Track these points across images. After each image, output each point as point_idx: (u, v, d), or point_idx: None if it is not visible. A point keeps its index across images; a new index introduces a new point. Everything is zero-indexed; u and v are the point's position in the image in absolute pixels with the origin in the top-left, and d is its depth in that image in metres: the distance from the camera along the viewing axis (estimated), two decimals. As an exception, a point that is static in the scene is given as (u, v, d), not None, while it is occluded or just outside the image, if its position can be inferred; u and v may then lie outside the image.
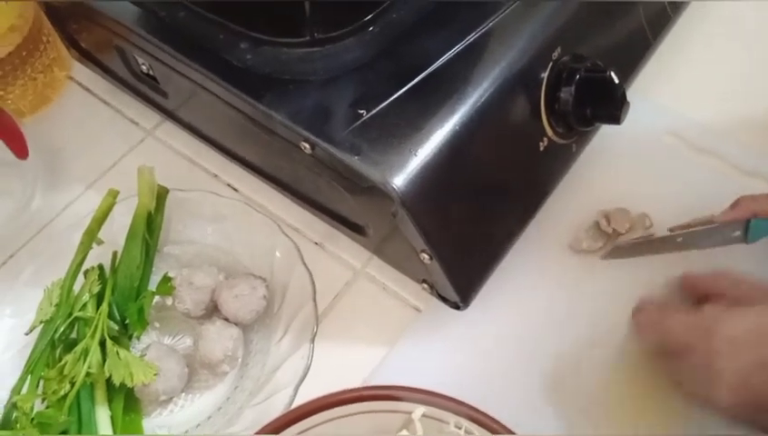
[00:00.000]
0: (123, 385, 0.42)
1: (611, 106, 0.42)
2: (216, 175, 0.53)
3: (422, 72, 0.40)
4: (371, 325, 0.46)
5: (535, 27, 0.42)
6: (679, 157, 0.51)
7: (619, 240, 0.46)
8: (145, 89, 0.51)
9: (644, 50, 0.51)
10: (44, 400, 0.42)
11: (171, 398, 0.43)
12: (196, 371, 0.44)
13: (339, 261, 0.49)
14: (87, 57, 0.55)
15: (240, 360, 0.44)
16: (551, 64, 0.42)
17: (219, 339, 0.42)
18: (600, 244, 0.46)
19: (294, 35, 0.41)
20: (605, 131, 0.48)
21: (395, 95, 0.39)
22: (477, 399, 0.40)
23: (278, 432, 0.39)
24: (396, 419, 0.40)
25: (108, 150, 0.55)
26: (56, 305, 0.44)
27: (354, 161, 0.37)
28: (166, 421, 0.43)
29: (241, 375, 0.44)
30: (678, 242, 0.44)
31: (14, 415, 0.40)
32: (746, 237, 0.42)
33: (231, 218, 0.48)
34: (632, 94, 0.50)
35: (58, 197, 0.53)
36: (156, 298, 0.46)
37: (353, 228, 0.46)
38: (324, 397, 0.40)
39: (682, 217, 0.47)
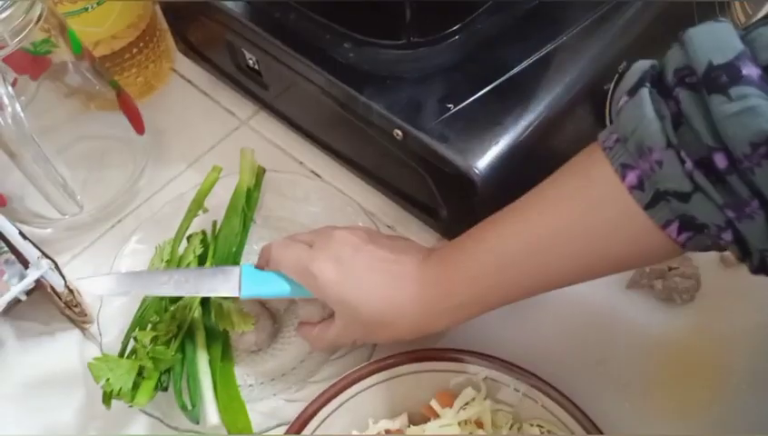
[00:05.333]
0: (220, 334, 0.48)
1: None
2: (302, 163, 0.59)
3: (502, 76, 0.46)
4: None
5: (602, 44, 0.47)
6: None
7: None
8: (247, 81, 0.58)
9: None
10: (152, 340, 0.48)
11: (261, 348, 0.49)
12: (286, 327, 0.50)
13: (410, 243, 0.54)
14: (194, 51, 0.61)
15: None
16: (617, 76, 0.47)
17: (316, 303, 0.46)
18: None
19: (393, 38, 0.47)
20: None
21: (479, 94, 0.45)
22: (532, 366, 0.45)
23: (355, 383, 0.45)
24: (462, 378, 0.45)
25: (206, 135, 0.61)
26: (166, 261, 0.50)
27: (441, 147, 0.43)
28: (255, 369, 0.49)
29: (322, 334, 0.50)
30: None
31: (132, 347, 0.46)
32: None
33: (318, 199, 0.54)
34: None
35: (162, 174, 0.59)
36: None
37: (427, 211, 0.51)
38: (399, 354, 0.45)
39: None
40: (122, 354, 0.46)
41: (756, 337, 0.47)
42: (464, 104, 0.44)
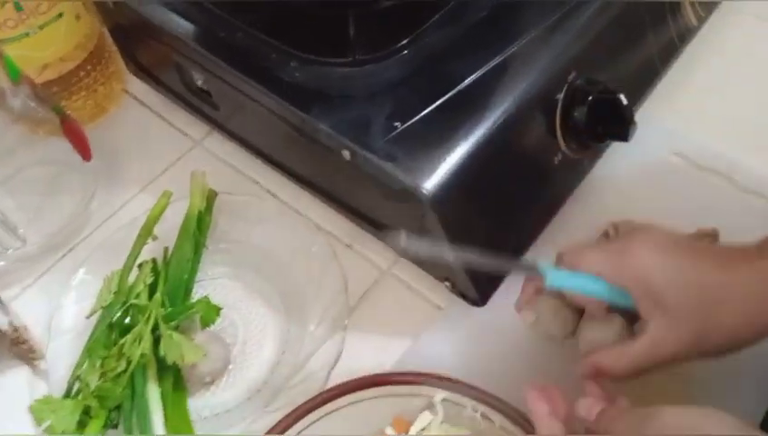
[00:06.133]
0: (172, 366, 0.46)
1: (620, 125, 0.47)
2: (258, 182, 0.58)
3: (451, 90, 0.44)
4: (397, 320, 0.50)
5: (552, 54, 0.46)
6: (683, 174, 0.55)
7: None
8: (198, 102, 0.56)
9: (653, 76, 0.56)
10: (101, 376, 0.46)
11: (213, 380, 0.48)
12: (240, 355, 0.49)
13: (368, 261, 0.53)
14: (144, 72, 0.60)
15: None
16: (566, 86, 0.46)
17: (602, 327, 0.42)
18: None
19: (339, 56, 0.46)
20: (615, 150, 0.53)
21: (426, 110, 0.44)
22: (490, 386, 0.44)
23: (311, 411, 0.44)
24: (417, 403, 0.44)
25: (159, 157, 0.60)
26: (114, 293, 0.49)
27: (389, 166, 0.42)
28: (209, 401, 0.47)
29: (278, 361, 0.49)
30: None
31: (77, 387, 0.45)
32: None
33: (272, 220, 0.53)
34: (640, 115, 0.54)
35: (114, 198, 0.58)
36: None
37: (383, 229, 0.50)
38: (356, 380, 0.44)
39: (688, 228, 0.51)
40: (68, 393, 0.45)
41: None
42: (412, 121, 0.43)
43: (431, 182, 0.42)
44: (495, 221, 0.47)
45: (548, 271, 0.40)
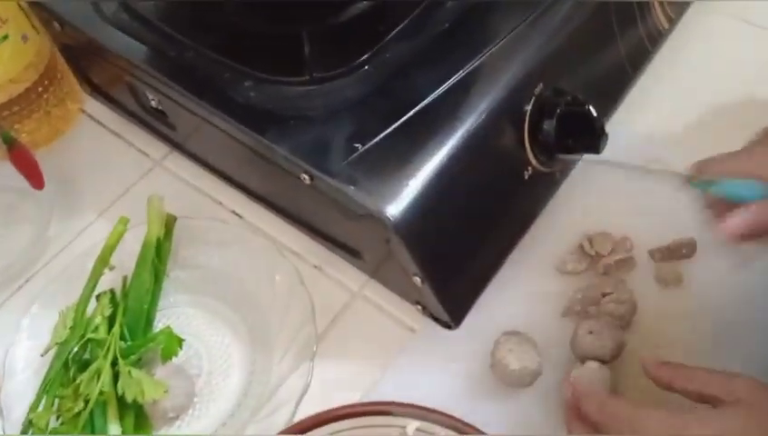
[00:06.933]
0: (133, 403, 0.44)
1: (590, 137, 0.45)
2: (221, 203, 0.56)
3: (413, 107, 0.43)
4: (368, 345, 0.49)
5: (518, 65, 0.45)
6: (658, 182, 0.53)
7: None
8: (154, 122, 0.54)
9: (625, 82, 0.54)
10: (58, 417, 0.44)
11: (178, 415, 0.46)
12: (204, 388, 0.47)
13: (338, 283, 0.51)
14: (98, 92, 0.58)
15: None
16: (533, 98, 0.45)
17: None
18: (584, 266, 0.49)
19: (294, 75, 0.44)
20: (589, 158, 0.51)
21: (388, 130, 0.42)
22: (467, 414, 0.42)
23: (281, 446, 0.42)
24: (391, 433, 0.42)
25: (119, 179, 0.58)
26: (70, 328, 0.46)
27: (350, 191, 0.40)
28: (174, 438, 0.46)
29: (245, 393, 0.47)
30: None
31: (30, 432, 0.43)
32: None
33: (235, 244, 0.51)
34: (614, 122, 0.53)
35: (71, 225, 0.55)
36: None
37: (350, 252, 0.49)
38: (322, 413, 0.42)
39: (663, 239, 0.50)
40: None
41: (693, 358, 0.45)
42: (373, 142, 0.41)
43: (395, 206, 0.40)
44: (465, 240, 0.45)
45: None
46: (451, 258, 0.44)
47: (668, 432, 0.35)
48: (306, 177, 0.42)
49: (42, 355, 0.47)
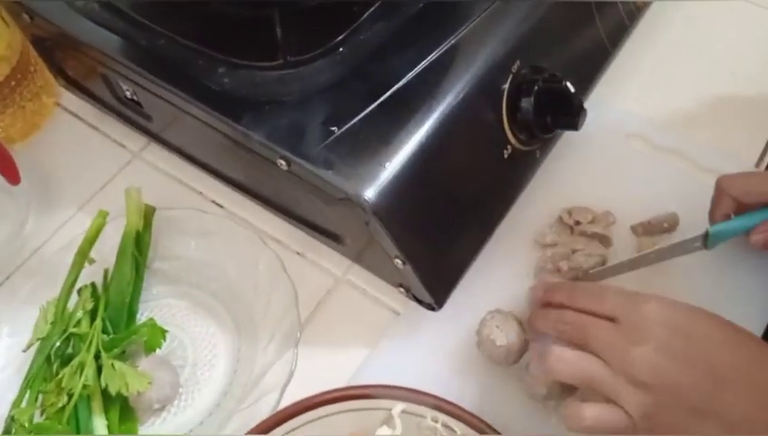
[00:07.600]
0: (118, 395, 0.44)
1: (569, 114, 0.45)
2: (201, 193, 0.55)
3: (390, 89, 0.42)
4: (353, 329, 0.48)
5: (494, 42, 0.44)
6: (640, 157, 0.53)
7: (594, 269, 0.47)
8: (130, 113, 0.53)
9: (604, 58, 0.54)
10: (42, 412, 0.44)
11: (164, 406, 0.46)
12: (190, 378, 0.47)
13: (321, 269, 0.51)
14: (73, 84, 0.57)
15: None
16: (511, 76, 0.44)
17: None
18: (563, 238, 0.49)
19: (268, 59, 0.43)
20: (569, 135, 0.51)
21: (364, 112, 0.41)
22: (453, 394, 0.42)
23: (266, 433, 0.42)
24: (377, 416, 0.42)
25: (97, 172, 0.57)
26: (52, 323, 0.46)
27: (327, 175, 0.40)
28: (161, 428, 0.45)
29: (230, 382, 0.46)
30: (650, 258, 0.45)
31: (14, 429, 0.42)
32: (706, 245, 0.44)
33: (216, 233, 0.51)
34: (594, 98, 0.53)
35: (50, 220, 0.55)
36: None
37: (332, 238, 0.48)
38: (308, 399, 0.42)
39: (645, 214, 0.50)
40: (7, 432, 0.42)
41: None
42: (349, 124, 0.41)
43: (373, 188, 0.39)
44: (445, 221, 0.45)
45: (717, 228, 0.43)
46: (432, 239, 0.43)
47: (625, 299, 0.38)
48: (283, 163, 0.41)
49: (23, 351, 0.46)
